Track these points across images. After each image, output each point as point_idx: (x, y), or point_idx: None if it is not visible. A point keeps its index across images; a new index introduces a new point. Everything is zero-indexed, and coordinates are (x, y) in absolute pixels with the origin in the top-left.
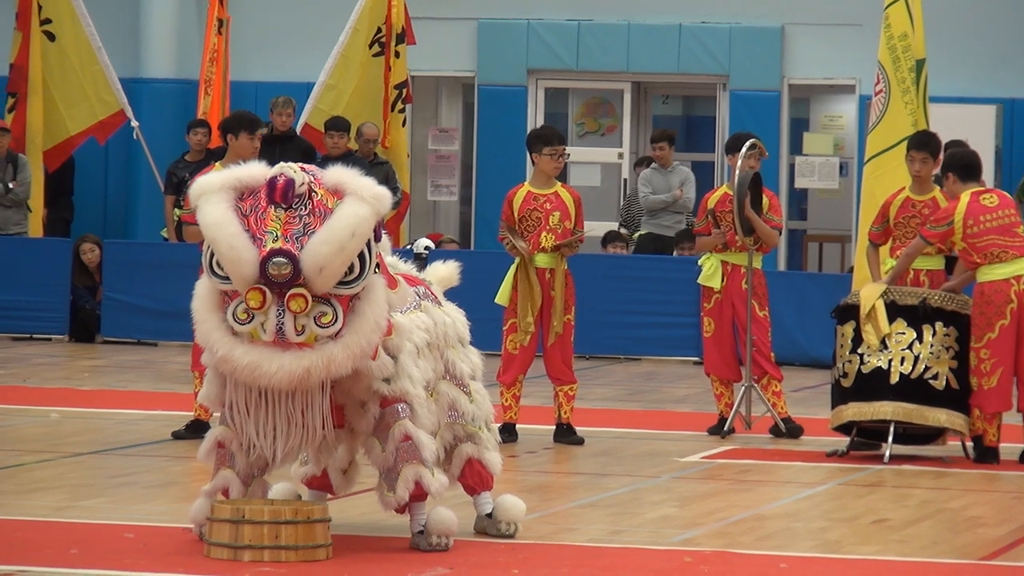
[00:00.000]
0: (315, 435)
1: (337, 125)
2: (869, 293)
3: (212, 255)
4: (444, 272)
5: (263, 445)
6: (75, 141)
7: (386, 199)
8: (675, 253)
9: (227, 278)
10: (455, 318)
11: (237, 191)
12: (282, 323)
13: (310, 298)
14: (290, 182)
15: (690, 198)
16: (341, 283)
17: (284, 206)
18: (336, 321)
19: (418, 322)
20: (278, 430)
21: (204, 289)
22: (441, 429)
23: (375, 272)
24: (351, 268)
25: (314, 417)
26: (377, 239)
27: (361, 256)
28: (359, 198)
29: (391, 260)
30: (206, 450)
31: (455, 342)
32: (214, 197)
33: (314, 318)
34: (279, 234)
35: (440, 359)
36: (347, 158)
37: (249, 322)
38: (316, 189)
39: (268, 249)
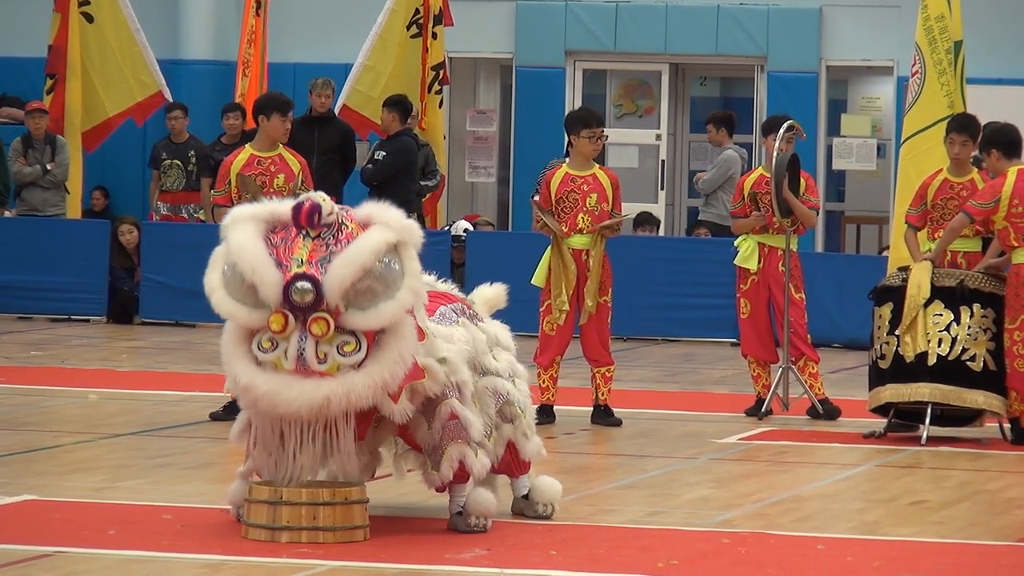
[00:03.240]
0: (346, 462)
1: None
2: (916, 291)
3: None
4: (491, 294)
5: (290, 474)
6: (113, 122)
7: (415, 230)
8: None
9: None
10: (493, 332)
11: (269, 224)
12: (304, 350)
13: (332, 324)
14: (316, 206)
15: (710, 181)
16: (363, 309)
17: (312, 235)
18: (359, 350)
19: (457, 335)
20: (305, 459)
21: (232, 324)
22: (493, 422)
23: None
24: (373, 296)
25: (339, 447)
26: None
27: (385, 282)
28: (386, 226)
29: (428, 279)
30: (239, 431)
31: (492, 347)
32: (243, 225)
33: (337, 347)
34: (304, 260)
35: (476, 368)
36: (402, 136)
37: (273, 351)
38: (347, 223)
39: (292, 274)
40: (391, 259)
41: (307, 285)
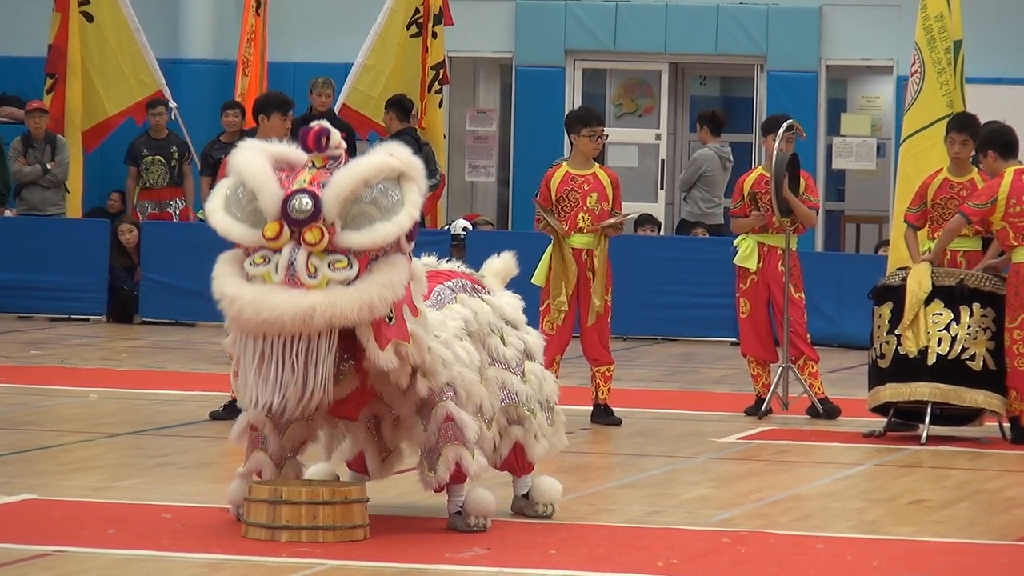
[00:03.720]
0: (316, 393)
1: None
2: (915, 287)
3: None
4: (499, 265)
5: (264, 397)
6: (113, 122)
7: (419, 168)
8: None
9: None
10: (498, 304)
11: (277, 161)
12: (295, 259)
13: (327, 235)
14: (324, 130)
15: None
16: (356, 228)
17: (317, 164)
18: (350, 269)
19: (454, 315)
20: (279, 381)
21: (227, 254)
22: (496, 413)
23: (403, 254)
24: (369, 220)
25: (316, 370)
26: (410, 238)
27: (382, 209)
28: (387, 153)
29: (428, 260)
30: (238, 432)
31: (499, 327)
32: (250, 149)
33: (328, 264)
34: (307, 181)
35: (483, 348)
36: (402, 135)
37: (264, 265)
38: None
39: (292, 189)
40: (391, 187)
41: (306, 198)
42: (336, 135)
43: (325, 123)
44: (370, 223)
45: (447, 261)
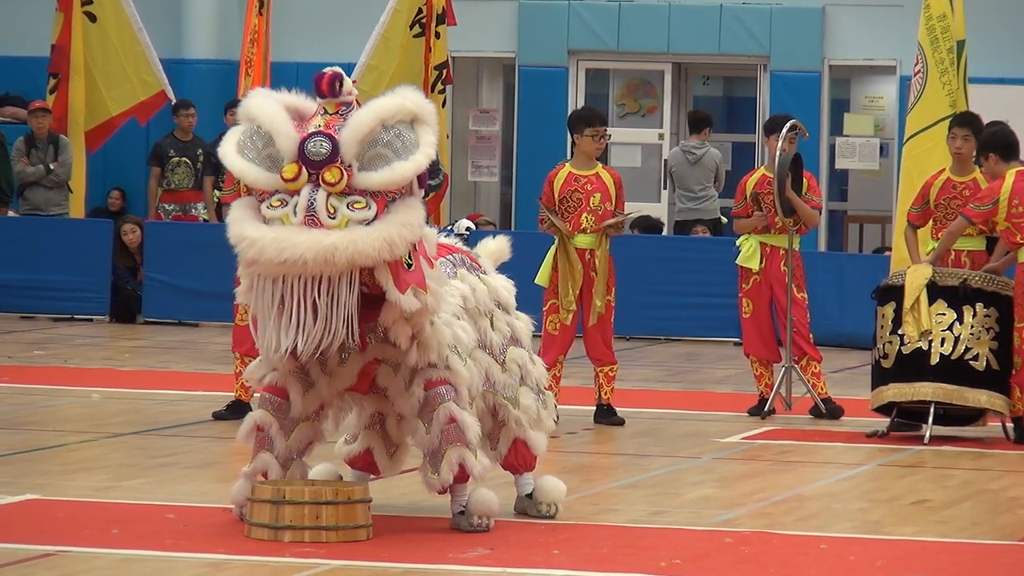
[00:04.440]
0: (338, 335)
1: None
2: (915, 277)
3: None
4: (494, 247)
5: (286, 341)
6: (116, 122)
7: (433, 113)
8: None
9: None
10: (494, 285)
11: (289, 110)
12: (314, 200)
13: (346, 176)
14: (338, 74)
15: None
16: (374, 168)
17: (331, 110)
18: (369, 209)
19: (453, 291)
20: (302, 324)
21: (241, 201)
22: (476, 398)
23: (415, 193)
24: (386, 160)
25: (338, 312)
26: (421, 185)
27: (397, 152)
28: (401, 96)
29: (430, 232)
30: (245, 433)
31: (491, 310)
32: (263, 96)
33: (347, 204)
34: (322, 125)
35: (476, 327)
36: None
37: (282, 208)
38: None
39: (308, 132)
40: (405, 130)
41: (323, 139)
42: (348, 81)
43: (338, 69)
44: (387, 163)
45: (445, 236)
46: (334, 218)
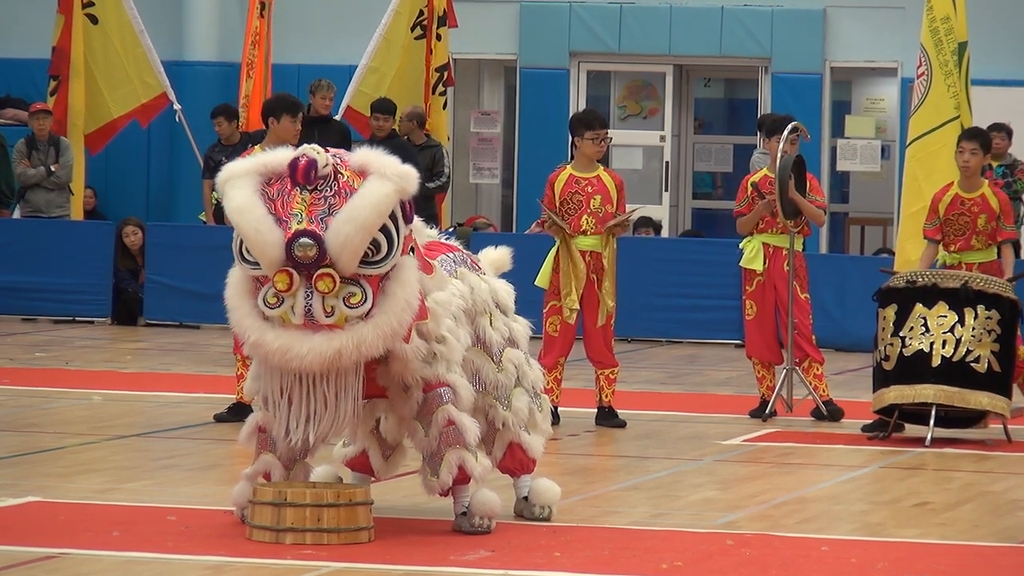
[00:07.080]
0: (348, 419)
1: (382, 107)
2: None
3: (241, 242)
4: (495, 256)
5: (297, 432)
6: (118, 124)
7: (411, 177)
8: None
9: (256, 264)
10: (494, 286)
11: (264, 176)
12: (311, 305)
13: (338, 278)
14: (312, 162)
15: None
16: (367, 263)
17: (308, 187)
18: (366, 301)
19: (454, 290)
20: (313, 415)
21: (236, 277)
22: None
23: (406, 254)
24: (377, 247)
25: (347, 401)
26: (407, 220)
27: (388, 234)
28: (382, 176)
29: (428, 233)
30: (247, 434)
31: (490, 309)
32: (239, 182)
33: (343, 299)
34: (304, 216)
35: (472, 325)
36: (391, 140)
37: (279, 306)
38: (342, 171)
39: (293, 231)
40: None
41: (309, 241)
42: (323, 158)
43: (309, 152)
44: (377, 249)
45: (447, 238)
46: (332, 316)
